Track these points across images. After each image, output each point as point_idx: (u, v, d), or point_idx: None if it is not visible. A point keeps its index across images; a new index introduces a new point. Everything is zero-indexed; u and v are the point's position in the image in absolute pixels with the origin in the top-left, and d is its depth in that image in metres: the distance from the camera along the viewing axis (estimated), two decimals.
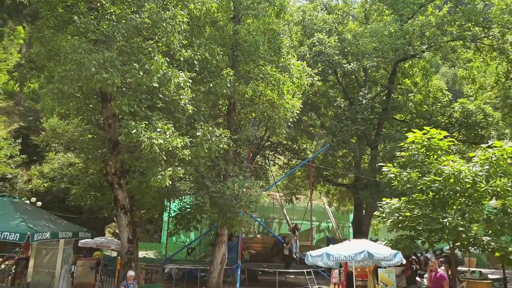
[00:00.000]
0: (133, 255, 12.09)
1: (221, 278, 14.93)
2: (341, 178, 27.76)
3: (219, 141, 11.28)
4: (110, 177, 12.18)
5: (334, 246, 9.53)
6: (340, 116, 22.41)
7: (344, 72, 24.43)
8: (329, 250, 9.06)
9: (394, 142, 20.84)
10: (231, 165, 14.59)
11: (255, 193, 13.14)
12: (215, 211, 12.81)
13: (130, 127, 9.44)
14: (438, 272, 9.52)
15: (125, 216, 12.23)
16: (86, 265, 13.81)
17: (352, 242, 9.89)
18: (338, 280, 9.87)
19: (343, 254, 8.90)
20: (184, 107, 11.25)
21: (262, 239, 26.67)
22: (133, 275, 10.49)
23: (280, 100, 16.04)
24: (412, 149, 11.26)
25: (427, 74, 26.04)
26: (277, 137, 18.81)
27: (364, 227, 24.17)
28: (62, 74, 9.68)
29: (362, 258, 8.69)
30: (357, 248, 9.08)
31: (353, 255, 8.74)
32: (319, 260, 8.66)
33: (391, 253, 9.03)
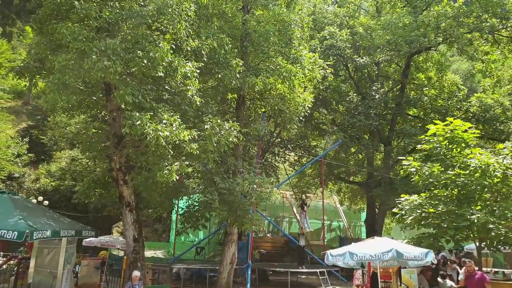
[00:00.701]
0: (139, 254, 11.56)
1: (231, 278, 14.36)
2: (353, 176, 27.03)
3: (228, 134, 10.69)
4: (114, 173, 11.66)
5: (356, 245, 8.82)
6: (353, 111, 21.70)
7: (356, 67, 23.73)
8: (352, 249, 8.33)
9: (409, 138, 20.13)
10: (240, 161, 14.01)
11: (266, 190, 12.53)
12: (224, 209, 12.23)
13: (134, 119, 8.90)
14: (477, 273, 8.66)
15: (131, 213, 11.71)
16: (90, 265, 13.32)
17: (377, 240, 9.13)
18: (361, 282, 9.12)
19: (369, 253, 8.15)
20: (191, 99, 10.70)
21: (272, 239, 26.07)
22: (139, 276, 9.96)
23: (292, 94, 15.47)
24: (434, 142, 10.55)
25: (441, 69, 25.18)
26: (288, 132, 18.15)
27: (378, 226, 23.44)
28: (63, 64, 9.17)
29: (390, 257, 7.94)
30: (384, 246, 8.33)
31: (380, 255, 7.97)
32: (341, 260, 7.98)
33: (422, 252, 8.27)
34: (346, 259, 7.96)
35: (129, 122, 8.90)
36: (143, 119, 8.91)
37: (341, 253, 8.32)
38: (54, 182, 28.43)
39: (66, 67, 9.20)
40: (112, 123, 11.75)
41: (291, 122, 16.23)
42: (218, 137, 10.58)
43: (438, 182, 9.84)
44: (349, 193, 30.98)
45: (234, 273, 17.73)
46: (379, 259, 8.06)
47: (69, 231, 10.00)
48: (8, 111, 39.07)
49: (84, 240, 13.87)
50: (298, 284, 18.18)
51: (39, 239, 9.00)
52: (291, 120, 15.99)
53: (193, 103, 10.77)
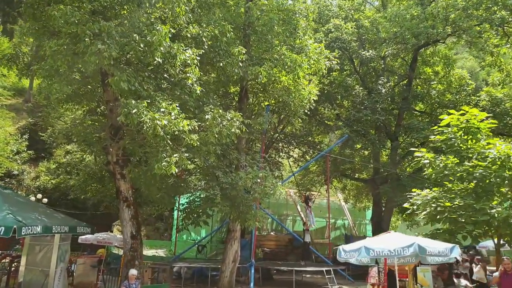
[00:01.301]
0: (136, 252, 11.01)
1: (233, 277, 13.81)
2: (358, 173, 26.42)
3: (230, 125, 10.11)
4: (111, 166, 11.13)
5: (372, 240, 8.18)
6: (358, 106, 21.08)
7: (361, 60, 23.14)
8: (368, 244, 7.58)
9: (417, 132, 19.52)
10: (243, 155, 13.44)
11: (270, 185, 11.94)
12: (227, 204, 11.65)
13: (130, 107, 8.35)
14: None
15: (128, 209, 11.16)
16: (87, 263, 12.78)
17: (394, 235, 8.43)
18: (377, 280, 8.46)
19: (387, 248, 7.35)
20: (191, 88, 10.14)
21: (276, 237, 25.52)
22: (136, 274, 9.42)
23: (297, 86, 14.90)
24: (448, 133, 9.95)
25: (448, 63, 24.54)
26: (292, 127, 17.55)
27: (384, 224, 22.82)
28: (54, 49, 8.63)
29: (411, 253, 7.18)
30: (404, 241, 7.56)
31: (400, 250, 7.16)
32: (356, 255, 7.32)
33: (446, 247, 7.50)
34: (362, 254, 7.28)
35: (125, 110, 8.35)
36: (140, 107, 8.36)
37: (355, 249, 7.59)
38: (54, 179, 28.01)
39: (58, 52, 8.67)
40: (109, 115, 11.21)
41: (295, 116, 15.64)
42: (220, 128, 10.01)
43: (453, 175, 9.23)
44: (354, 191, 30.35)
45: (236, 272, 17.17)
46: (399, 254, 7.25)
47: (62, 227, 9.45)
48: (8, 108, 38.73)
49: (80, 237, 13.33)
50: (303, 283, 17.61)
51: (29, 235, 8.45)
52: (296, 113, 15.39)
53: (193, 92, 10.21)
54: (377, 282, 7.89)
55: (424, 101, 22.56)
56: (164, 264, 15.83)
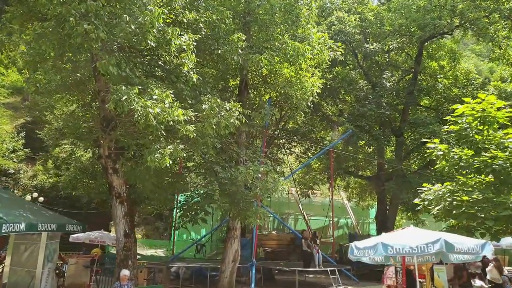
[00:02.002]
0: (130, 251, 10.36)
1: (233, 277, 13.15)
2: (362, 170, 25.72)
3: (229, 115, 9.45)
4: (103, 160, 10.47)
5: (389, 235, 7.39)
6: (363, 101, 20.40)
7: (365, 54, 22.49)
8: (386, 240, 6.66)
9: (424, 127, 18.84)
10: (243, 149, 12.78)
11: (272, 180, 11.27)
12: (226, 201, 11.00)
13: (120, 93, 7.70)
14: None
15: (121, 206, 10.51)
16: (79, 264, 12.14)
17: (414, 229, 7.49)
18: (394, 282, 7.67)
19: (408, 245, 6.37)
20: (187, 75, 9.50)
21: (278, 236, 24.87)
22: (128, 275, 8.77)
23: (299, 78, 14.28)
24: (462, 123, 9.28)
25: (454, 57, 23.86)
26: (294, 121, 16.90)
27: (389, 222, 22.15)
28: (39, 32, 8.00)
29: (436, 250, 6.19)
30: (428, 236, 6.59)
31: (423, 246, 6.19)
32: (371, 253, 6.49)
33: (477, 243, 6.59)
34: (378, 252, 6.37)
35: (114, 97, 7.70)
36: (130, 94, 7.71)
37: (370, 245, 6.69)
38: (51, 178, 27.44)
39: (43, 35, 8.03)
40: (101, 105, 10.53)
41: (298, 109, 15.00)
42: (218, 118, 9.36)
43: (469, 167, 8.56)
44: (357, 189, 29.68)
45: (237, 272, 16.50)
46: (422, 252, 6.28)
47: (50, 224, 8.81)
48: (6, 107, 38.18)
49: (71, 236, 12.69)
50: (306, 283, 16.95)
51: (11, 233, 7.82)
52: (298, 106, 14.73)
53: (189, 81, 9.57)
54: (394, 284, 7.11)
55: (430, 95, 21.84)
56: (160, 264, 15.16)
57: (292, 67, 14.18)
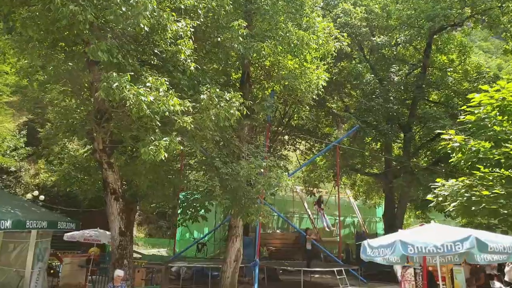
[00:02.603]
0: (126, 250, 9.83)
1: (235, 277, 12.58)
2: (368, 167, 25.00)
3: (229, 106, 8.88)
4: (98, 155, 9.94)
5: (407, 232, 6.55)
6: (370, 95, 19.73)
7: (372, 48, 21.84)
8: (405, 238, 5.72)
9: (434, 122, 18.13)
10: (246, 144, 12.20)
11: (275, 176, 10.69)
12: (227, 197, 10.42)
13: (111, 80, 7.16)
14: None
15: (117, 202, 9.98)
16: (74, 263, 11.63)
17: (436, 226, 6.46)
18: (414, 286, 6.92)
19: (432, 243, 5.40)
20: (184, 64, 8.94)
21: (282, 235, 24.34)
22: (122, 275, 8.23)
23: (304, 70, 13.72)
24: (480, 113, 8.63)
25: (464, 51, 23.10)
26: (298, 116, 16.28)
27: (398, 221, 21.46)
28: (25, 16, 7.47)
29: (466, 249, 5.24)
30: (456, 233, 5.66)
31: (451, 245, 5.21)
32: (388, 252, 5.61)
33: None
34: (396, 251, 5.50)
35: (105, 84, 7.16)
36: (121, 81, 7.16)
37: (386, 244, 5.81)
38: (54, 177, 27.04)
39: (29, 18, 7.50)
40: (94, 97, 9.99)
41: (303, 102, 14.40)
42: (217, 109, 8.79)
43: (488, 160, 7.92)
44: (364, 187, 28.98)
45: (240, 272, 15.93)
46: (449, 251, 5.28)
47: (39, 222, 8.29)
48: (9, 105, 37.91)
49: (65, 234, 12.18)
50: (312, 284, 16.36)
51: None
52: (304, 99, 14.13)
53: (186, 70, 9.02)
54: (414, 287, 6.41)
55: (439, 89, 21.09)
56: (160, 263, 14.61)
57: (296, 59, 13.64)
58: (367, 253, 6.15)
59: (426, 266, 6.40)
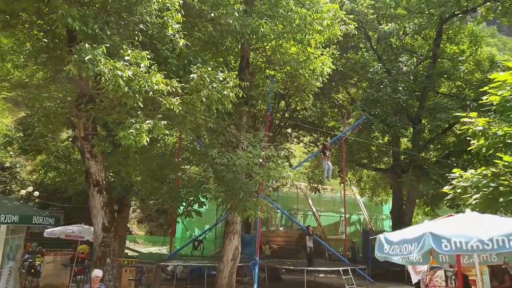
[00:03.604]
0: (109, 247, 8.92)
1: (233, 277, 11.65)
2: (375, 162, 23.95)
3: (222, 87, 7.94)
4: (79, 143, 9.04)
5: (436, 224, 4.89)
6: (377, 85, 18.69)
7: (379, 36, 20.82)
8: (436, 230, 4.32)
9: (446, 112, 17.08)
10: (244, 133, 11.24)
11: (275, 166, 9.72)
12: (222, 190, 9.47)
13: (84, 52, 6.24)
14: None
15: (100, 195, 9.07)
16: (57, 262, 10.75)
17: (472, 215, 5.05)
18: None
19: (476, 236, 4.03)
20: (173, 40, 8.02)
21: (285, 232, 23.42)
22: (100, 276, 7.32)
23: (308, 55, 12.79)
24: (505, 93, 7.62)
25: (476, 41, 22.01)
26: (302, 104, 15.28)
27: (406, 218, 20.45)
28: None
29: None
30: (505, 225, 4.24)
31: (503, 240, 3.86)
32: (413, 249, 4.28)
33: None
34: (426, 246, 4.12)
35: (75, 57, 6.23)
36: (95, 54, 6.23)
37: (412, 238, 4.40)
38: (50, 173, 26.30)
39: None
40: (77, 80, 9.07)
41: (306, 90, 13.42)
42: (209, 90, 7.85)
43: None
44: (370, 183, 27.94)
45: (240, 272, 15.04)
46: (501, 248, 3.90)
47: (10, 216, 7.41)
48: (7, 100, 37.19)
49: (46, 230, 11.30)
50: (316, 284, 15.41)
51: None
52: (307, 87, 13.15)
53: (175, 47, 8.09)
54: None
55: (451, 79, 20.00)
56: (151, 262, 13.68)
57: (299, 45, 12.71)
58: (384, 251, 4.89)
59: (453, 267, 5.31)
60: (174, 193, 10.60)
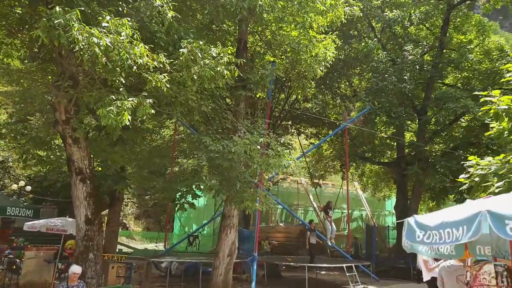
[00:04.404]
0: (92, 241, 8.14)
1: (229, 275, 10.88)
2: (379, 156, 23.14)
3: (215, 63, 7.15)
4: (60, 127, 8.25)
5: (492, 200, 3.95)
6: (382, 74, 17.88)
7: (384, 24, 20.04)
8: (496, 208, 3.32)
9: (455, 102, 16.28)
10: (241, 119, 10.46)
11: (275, 153, 8.94)
12: (217, 179, 8.68)
13: (55, 16, 5.45)
14: None
15: (83, 184, 8.29)
16: (39, 258, 9.98)
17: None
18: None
19: None
20: (161, 12, 7.23)
21: (285, 228, 22.65)
22: (78, 272, 6.54)
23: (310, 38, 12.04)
24: None
25: (483, 30, 21.23)
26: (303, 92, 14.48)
27: (411, 213, 19.58)
28: None
29: None
30: None
31: None
32: (461, 234, 3.34)
33: None
34: (481, 229, 3.22)
35: (44, 21, 5.45)
36: (67, 19, 5.45)
37: (458, 220, 3.45)
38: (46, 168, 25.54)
39: None
40: (59, 60, 8.28)
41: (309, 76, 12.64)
42: (200, 66, 7.06)
43: None
44: (373, 178, 27.16)
45: (238, 269, 14.30)
46: None
47: None
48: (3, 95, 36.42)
49: (26, 224, 10.49)
50: (318, 282, 14.64)
51: None
52: (309, 73, 12.37)
53: (164, 20, 7.30)
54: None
55: (459, 68, 19.19)
56: (142, 259, 12.88)
57: (300, 30, 11.97)
58: (416, 238, 3.88)
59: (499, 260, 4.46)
60: (167, 183, 9.80)
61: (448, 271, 5.45)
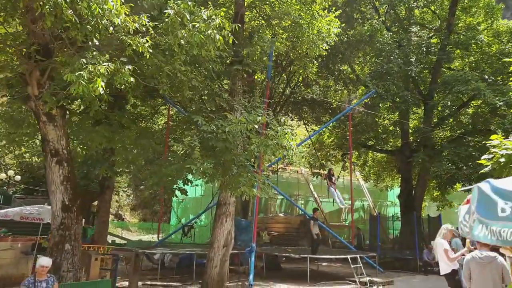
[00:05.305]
0: (69, 231, 7.27)
1: (225, 267, 10.07)
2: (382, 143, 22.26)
3: (206, 26, 6.24)
4: (33, 103, 7.34)
5: None
6: (387, 56, 16.93)
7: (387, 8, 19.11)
8: None
9: (464, 85, 15.35)
10: (238, 98, 9.56)
11: (275, 133, 8.05)
12: (210, 162, 7.79)
13: None
14: None
15: (60, 167, 7.40)
16: (16, 250, 9.13)
17: None
18: None
19: None
20: None
21: (285, 219, 21.88)
22: (47, 265, 5.67)
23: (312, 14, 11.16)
24: None
25: (492, 13, 20.29)
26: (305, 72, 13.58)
27: (416, 202, 18.90)
28: None
29: None
30: None
31: None
32: None
33: None
34: None
35: None
36: None
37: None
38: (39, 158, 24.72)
39: None
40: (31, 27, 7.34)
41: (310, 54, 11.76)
42: (189, 29, 6.15)
43: None
44: (375, 168, 26.32)
45: (235, 260, 13.52)
46: None
47: None
48: None
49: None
50: (321, 274, 13.83)
51: None
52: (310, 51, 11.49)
53: None
54: None
55: (468, 50, 18.25)
56: (130, 250, 12.02)
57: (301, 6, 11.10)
58: (498, 212, 2.86)
59: None
60: (156, 167, 8.91)
61: (480, 263, 4.63)
